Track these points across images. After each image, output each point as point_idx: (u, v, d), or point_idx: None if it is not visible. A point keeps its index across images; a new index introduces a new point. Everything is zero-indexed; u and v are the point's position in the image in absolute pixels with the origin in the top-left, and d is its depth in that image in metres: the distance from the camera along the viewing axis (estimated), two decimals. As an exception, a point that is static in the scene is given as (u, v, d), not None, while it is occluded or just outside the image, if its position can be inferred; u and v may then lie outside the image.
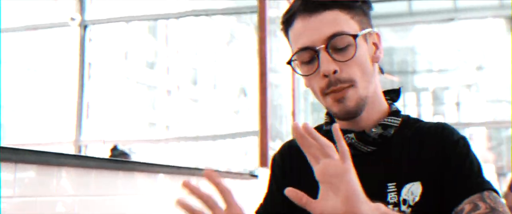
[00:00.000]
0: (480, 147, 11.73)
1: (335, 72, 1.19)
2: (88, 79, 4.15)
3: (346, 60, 1.19)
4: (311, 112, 6.91)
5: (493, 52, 11.75)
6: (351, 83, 1.20)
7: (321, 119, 1.39)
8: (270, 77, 3.41)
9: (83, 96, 3.94)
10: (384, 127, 1.26)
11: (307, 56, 1.22)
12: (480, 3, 10.09)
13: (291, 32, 1.26)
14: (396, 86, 1.36)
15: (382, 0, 8.23)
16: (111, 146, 3.35)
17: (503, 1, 10.35)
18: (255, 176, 3.12)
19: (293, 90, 4.00)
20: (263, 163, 3.25)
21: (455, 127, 1.29)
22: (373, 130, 1.25)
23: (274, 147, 3.50)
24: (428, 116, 11.71)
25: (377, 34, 1.29)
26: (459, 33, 11.00)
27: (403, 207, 1.18)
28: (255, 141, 3.33)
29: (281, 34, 3.73)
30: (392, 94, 1.34)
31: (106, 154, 3.28)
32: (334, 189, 0.96)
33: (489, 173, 10.50)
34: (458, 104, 11.72)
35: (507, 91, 11.77)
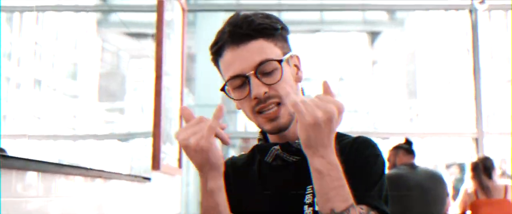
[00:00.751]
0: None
1: (265, 93, 1.32)
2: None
3: (274, 83, 1.32)
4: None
5: (354, 64, 12.36)
6: (279, 100, 1.33)
7: None
8: (164, 80, 3.40)
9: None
10: None
11: (239, 83, 1.34)
12: (345, 17, 10.59)
13: (222, 61, 1.37)
14: None
15: (254, 10, 8.40)
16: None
17: (366, 17, 10.95)
18: (148, 179, 3.07)
19: (182, 93, 3.99)
20: (155, 166, 3.20)
21: None
22: (296, 141, 1.38)
23: (165, 150, 3.47)
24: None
25: (297, 57, 1.43)
26: (324, 44, 11.48)
27: (317, 207, 1.26)
28: (147, 143, 3.28)
29: (174, 37, 3.71)
30: None
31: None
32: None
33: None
34: (320, 113, 12.17)
35: (365, 103, 12.45)
